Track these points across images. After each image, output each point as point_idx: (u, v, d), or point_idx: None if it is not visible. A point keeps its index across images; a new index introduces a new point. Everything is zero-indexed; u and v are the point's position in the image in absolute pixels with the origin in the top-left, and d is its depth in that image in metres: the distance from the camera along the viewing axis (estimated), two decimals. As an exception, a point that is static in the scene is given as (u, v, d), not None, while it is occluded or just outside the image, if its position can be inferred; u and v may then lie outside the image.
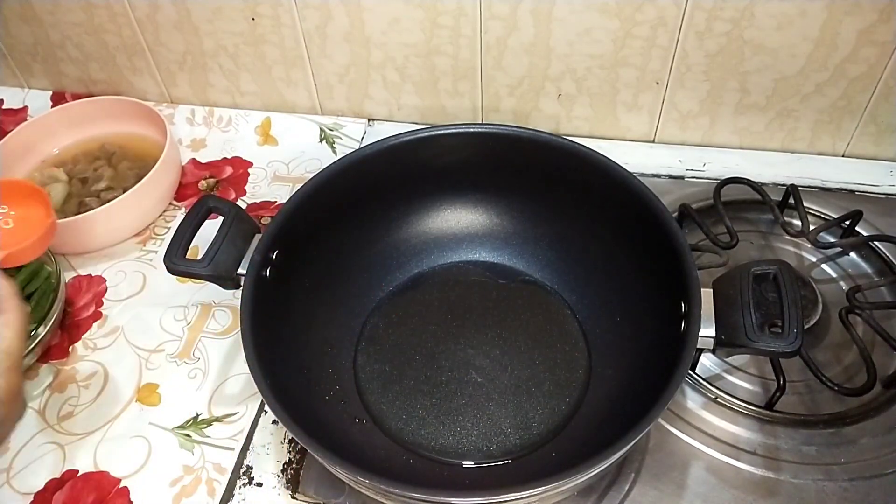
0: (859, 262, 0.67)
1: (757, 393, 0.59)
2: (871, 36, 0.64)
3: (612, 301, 0.60)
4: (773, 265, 0.49)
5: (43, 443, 0.58)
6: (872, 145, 0.74)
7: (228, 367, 0.63)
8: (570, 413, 0.56)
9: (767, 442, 0.55)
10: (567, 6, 0.67)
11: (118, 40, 0.81)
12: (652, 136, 0.78)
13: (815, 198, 0.71)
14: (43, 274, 0.64)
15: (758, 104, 0.72)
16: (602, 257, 0.61)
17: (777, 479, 0.53)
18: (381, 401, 0.58)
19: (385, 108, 0.82)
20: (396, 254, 0.66)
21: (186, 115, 0.85)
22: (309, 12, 0.73)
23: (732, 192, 0.69)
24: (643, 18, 0.67)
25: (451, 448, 0.55)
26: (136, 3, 0.77)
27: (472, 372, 0.59)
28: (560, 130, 0.79)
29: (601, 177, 0.57)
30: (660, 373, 0.46)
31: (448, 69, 0.75)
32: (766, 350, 0.46)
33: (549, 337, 0.61)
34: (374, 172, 0.60)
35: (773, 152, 0.76)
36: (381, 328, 0.62)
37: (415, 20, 0.71)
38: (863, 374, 0.57)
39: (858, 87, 0.69)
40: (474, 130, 0.61)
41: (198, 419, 0.59)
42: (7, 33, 0.85)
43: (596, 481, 0.53)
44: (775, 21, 0.65)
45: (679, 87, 0.72)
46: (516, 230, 0.66)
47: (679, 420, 0.57)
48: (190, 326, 0.65)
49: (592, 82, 0.73)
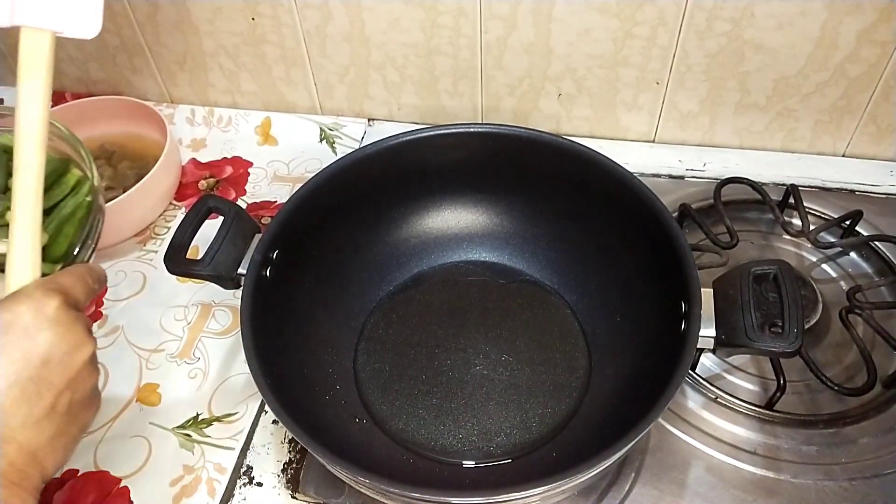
0: (859, 261, 0.67)
1: (757, 393, 0.59)
2: (872, 36, 0.64)
3: (612, 301, 0.60)
4: (774, 265, 0.49)
5: (43, 443, 0.58)
6: (873, 145, 0.74)
7: (228, 366, 0.63)
8: (570, 413, 0.56)
9: (768, 442, 0.55)
10: (567, 6, 0.67)
11: (118, 40, 0.81)
12: (652, 135, 0.78)
13: (816, 198, 0.71)
14: (70, 179, 0.55)
15: (758, 104, 0.72)
16: (602, 257, 0.61)
17: (777, 478, 0.53)
18: (381, 400, 0.58)
19: (385, 107, 0.82)
20: (396, 254, 0.66)
21: (186, 115, 0.85)
22: (309, 12, 0.73)
23: (732, 192, 0.69)
24: (643, 18, 0.67)
25: (452, 448, 0.55)
26: (136, 3, 0.77)
27: (473, 372, 0.59)
28: (560, 130, 0.79)
29: (601, 177, 0.57)
30: (660, 373, 0.46)
31: (448, 69, 0.75)
32: (766, 350, 0.46)
33: (549, 337, 0.61)
34: (374, 172, 0.60)
35: (774, 152, 0.76)
36: (381, 328, 0.62)
37: (415, 20, 0.71)
38: (863, 373, 0.57)
39: (859, 87, 0.69)
40: (474, 130, 0.61)
41: (198, 419, 0.59)
42: (6, 33, 0.84)
43: (596, 481, 0.53)
44: (775, 21, 0.65)
45: (679, 87, 0.72)
46: (516, 230, 0.66)
47: (679, 420, 0.57)
48: (190, 326, 0.65)
49: (592, 82, 0.73)
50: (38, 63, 0.42)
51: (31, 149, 0.42)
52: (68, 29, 0.43)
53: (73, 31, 0.43)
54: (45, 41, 0.42)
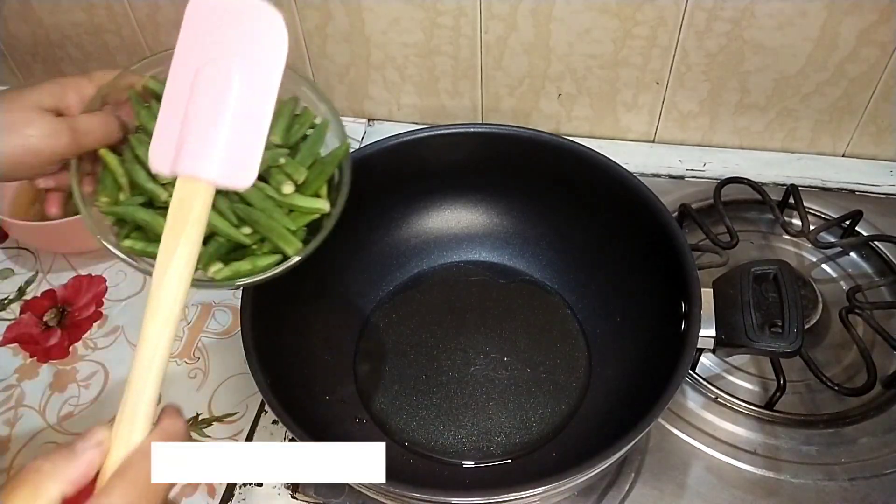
0: (859, 261, 0.67)
1: (757, 393, 0.59)
2: (872, 36, 0.64)
3: (613, 301, 0.60)
4: (774, 265, 0.49)
5: (43, 442, 0.58)
6: (872, 145, 0.74)
7: (228, 366, 0.63)
8: (570, 413, 0.56)
9: (767, 442, 0.55)
10: (567, 6, 0.67)
11: (118, 40, 0.81)
12: (652, 135, 0.78)
13: (815, 198, 0.71)
14: (306, 119, 0.47)
15: (758, 104, 0.72)
16: (602, 257, 0.61)
17: (777, 478, 0.53)
18: (381, 400, 0.58)
19: (385, 107, 0.82)
20: (396, 254, 0.66)
21: (186, 115, 0.85)
22: (309, 12, 0.73)
23: (732, 192, 0.69)
24: (643, 18, 0.67)
25: (452, 448, 0.55)
26: (137, 4, 0.77)
27: (472, 371, 0.59)
28: (560, 130, 0.79)
29: (601, 177, 0.57)
30: (660, 373, 0.46)
31: (448, 69, 0.75)
32: (766, 350, 0.46)
33: (549, 337, 0.61)
34: (375, 172, 0.60)
35: (773, 152, 0.76)
36: (381, 328, 0.62)
37: (415, 20, 0.71)
38: (863, 373, 0.57)
39: (858, 87, 0.69)
40: (474, 130, 0.61)
41: (198, 419, 0.59)
42: (7, 33, 0.85)
43: (596, 481, 0.53)
44: (775, 21, 0.65)
45: (679, 87, 0.72)
46: (516, 230, 0.66)
47: (679, 420, 0.57)
48: (190, 326, 0.65)
49: (592, 82, 0.73)
50: (192, 217, 0.36)
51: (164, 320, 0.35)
52: (225, 179, 0.38)
53: (228, 181, 0.38)
54: (203, 193, 0.37)
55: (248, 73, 0.38)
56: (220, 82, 0.38)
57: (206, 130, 0.37)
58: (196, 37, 0.38)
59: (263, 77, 0.38)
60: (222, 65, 0.38)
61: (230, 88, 0.38)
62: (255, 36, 0.38)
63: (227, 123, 0.38)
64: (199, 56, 0.38)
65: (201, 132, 0.37)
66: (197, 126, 0.37)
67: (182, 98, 0.38)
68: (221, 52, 0.38)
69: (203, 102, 0.38)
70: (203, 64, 0.38)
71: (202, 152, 0.37)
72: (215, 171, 0.37)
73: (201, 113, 0.37)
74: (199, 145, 0.37)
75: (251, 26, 0.38)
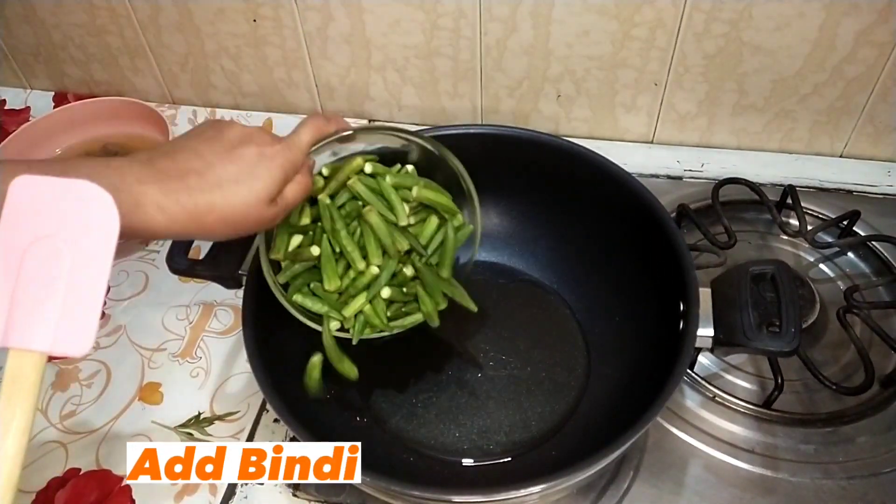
0: (857, 261, 0.67)
1: (755, 392, 0.59)
2: (869, 37, 0.64)
3: (611, 300, 0.60)
4: (771, 265, 0.49)
5: (45, 441, 0.58)
6: (870, 146, 0.74)
7: (230, 365, 0.63)
8: (569, 412, 0.57)
9: (765, 440, 0.56)
10: (566, 8, 0.67)
11: (120, 41, 0.82)
12: (650, 136, 0.79)
13: (813, 198, 0.71)
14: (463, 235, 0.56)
15: (756, 105, 0.73)
16: (601, 257, 0.61)
17: (775, 477, 0.54)
18: (381, 399, 0.58)
19: (385, 109, 0.82)
20: (397, 254, 0.66)
21: (188, 116, 0.85)
22: (310, 14, 0.73)
23: (730, 193, 0.69)
24: (642, 20, 0.67)
25: (451, 446, 0.55)
26: (138, 5, 0.77)
27: (472, 371, 0.59)
28: (559, 131, 0.79)
29: (600, 177, 0.57)
30: (658, 372, 0.47)
31: (448, 70, 0.76)
32: (764, 349, 0.46)
33: (549, 336, 0.61)
34: (375, 173, 0.60)
35: (771, 153, 0.77)
36: (382, 328, 0.62)
37: (415, 22, 0.72)
38: (860, 373, 0.57)
39: (856, 88, 0.69)
40: (474, 131, 0.61)
41: (200, 418, 0.60)
42: (9, 34, 0.85)
43: (595, 479, 0.54)
44: (773, 22, 0.65)
45: (677, 88, 0.73)
46: (516, 230, 0.66)
47: (678, 419, 0.57)
48: (192, 325, 0.66)
49: (591, 83, 0.74)
50: (24, 387, 0.37)
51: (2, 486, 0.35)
52: (59, 347, 0.40)
53: (62, 349, 0.38)
54: (35, 363, 0.38)
55: (79, 248, 0.37)
56: (50, 258, 0.37)
57: (37, 303, 0.37)
58: (22, 215, 0.38)
59: (95, 250, 0.38)
60: (51, 242, 0.37)
61: (61, 263, 0.37)
62: (84, 213, 0.38)
63: (60, 296, 0.37)
64: (25, 234, 0.37)
65: (33, 305, 0.37)
66: (27, 300, 0.37)
67: (10, 275, 0.37)
68: (50, 230, 0.38)
69: (33, 277, 0.37)
70: (31, 242, 0.37)
71: (33, 324, 0.38)
72: (48, 341, 0.38)
73: (31, 287, 0.37)
74: (31, 318, 0.37)
75: (79, 205, 0.37)
